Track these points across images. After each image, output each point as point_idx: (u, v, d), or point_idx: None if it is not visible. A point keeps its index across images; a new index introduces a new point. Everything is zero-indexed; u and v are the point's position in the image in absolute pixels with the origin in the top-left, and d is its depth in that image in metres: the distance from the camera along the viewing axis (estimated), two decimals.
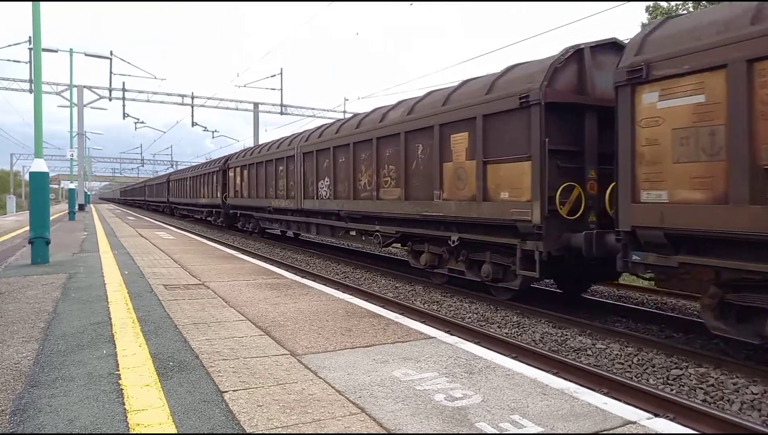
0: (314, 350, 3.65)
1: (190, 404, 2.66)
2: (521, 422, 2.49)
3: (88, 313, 4.72)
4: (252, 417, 2.51)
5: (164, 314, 4.69)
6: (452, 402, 2.72)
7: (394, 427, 2.42)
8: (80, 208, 30.35)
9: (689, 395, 4.51)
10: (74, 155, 27.40)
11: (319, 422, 2.47)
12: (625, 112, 5.46)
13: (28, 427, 2.39)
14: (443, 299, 8.33)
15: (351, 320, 4.57)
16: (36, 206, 8.07)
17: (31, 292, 5.72)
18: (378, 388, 2.92)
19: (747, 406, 4.26)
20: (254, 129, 35.99)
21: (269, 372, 3.17)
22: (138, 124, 37.87)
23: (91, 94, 30.84)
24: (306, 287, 6.31)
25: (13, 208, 40.97)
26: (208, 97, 33.75)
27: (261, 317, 4.63)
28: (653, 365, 5.18)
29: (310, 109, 36.04)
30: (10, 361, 3.32)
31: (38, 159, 8.03)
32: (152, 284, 6.26)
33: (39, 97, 8.51)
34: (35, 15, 8.18)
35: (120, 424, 2.42)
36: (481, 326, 6.68)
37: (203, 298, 5.48)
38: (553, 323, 6.74)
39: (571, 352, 5.66)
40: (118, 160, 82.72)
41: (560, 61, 6.74)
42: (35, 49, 8.61)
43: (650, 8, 19.98)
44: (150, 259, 8.78)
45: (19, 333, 4.00)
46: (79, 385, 2.91)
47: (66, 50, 24.24)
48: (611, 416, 2.59)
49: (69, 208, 24.96)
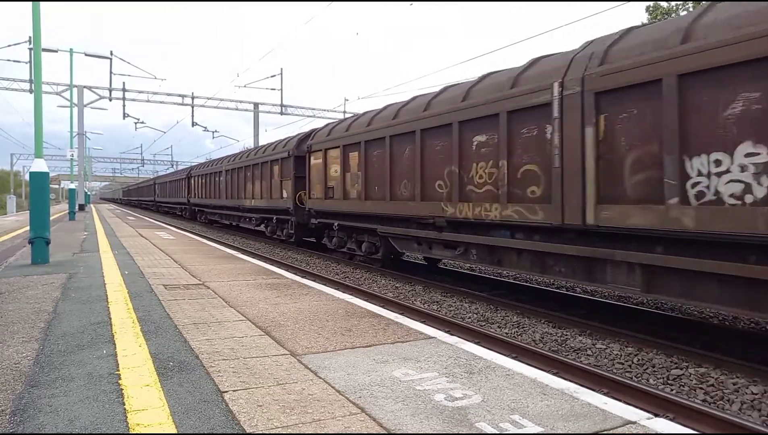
0: (314, 350, 3.65)
1: (190, 404, 2.66)
2: (521, 422, 2.49)
3: (88, 313, 4.72)
4: (252, 417, 2.51)
5: (164, 314, 4.69)
6: (452, 402, 2.72)
7: (394, 427, 2.42)
8: (80, 208, 30.36)
9: (689, 395, 4.51)
10: (74, 155, 27.41)
11: (319, 422, 2.47)
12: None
13: (28, 427, 2.39)
14: (443, 299, 8.33)
15: (351, 320, 4.57)
16: (36, 206, 8.07)
17: (31, 292, 5.72)
18: (378, 388, 2.92)
19: (747, 406, 4.26)
20: (254, 129, 36.03)
21: (269, 372, 3.17)
22: (138, 124, 37.92)
23: (91, 94, 30.87)
24: (306, 287, 6.31)
25: (14, 208, 40.99)
26: (208, 97, 33.79)
27: (261, 317, 4.63)
28: (653, 365, 5.18)
29: (311, 109, 36.08)
30: (10, 361, 3.32)
31: (38, 159, 8.04)
32: (152, 284, 6.27)
33: (39, 97, 8.52)
34: (35, 15, 8.18)
35: (120, 424, 2.42)
36: (481, 326, 6.68)
37: (203, 298, 5.48)
38: (553, 323, 6.74)
39: (571, 352, 5.66)
40: (118, 160, 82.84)
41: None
42: (35, 49, 8.61)
43: (650, 8, 19.99)
44: (150, 259, 8.79)
45: (19, 333, 4.00)
46: (79, 385, 2.91)
47: (66, 50, 24.27)
48: (611, 416, 2.59)
49: (69, 208, 24.95)
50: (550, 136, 6.38)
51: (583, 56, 6.17)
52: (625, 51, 5.66)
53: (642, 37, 5.61)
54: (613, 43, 5.87)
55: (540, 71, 6.78)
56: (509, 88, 7.08)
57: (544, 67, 6.78)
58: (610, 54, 5.78)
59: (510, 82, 7.15)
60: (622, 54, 5.66)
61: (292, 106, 35.81)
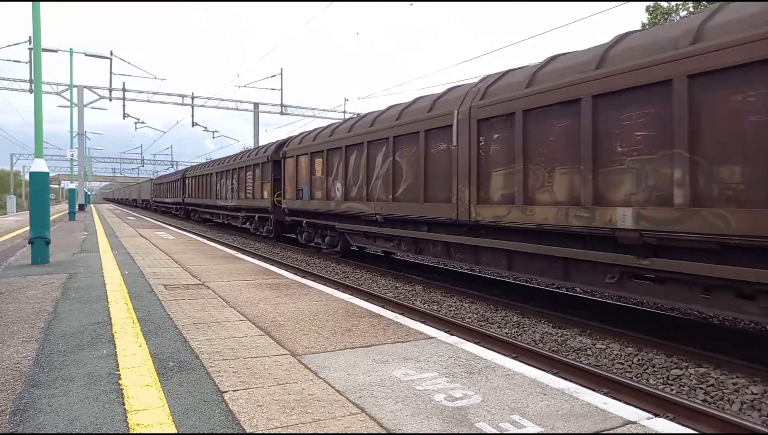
0: (314, 350, 3.65)
1: (190, 404, 2.66)
2: (521, 422, 2.49)
3: (88, 313, 4.72)
4: (252, 417, 2.51)
5: (164, 314, 4.69)
6: (452, 402, 2.72)
7: (394, 427, 2.42)
8: (80, 208, 30.36)
9: (689, 395, 4.51)
10: (74, 155, 27.41)
11: (319, 422, 2.47)
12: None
13: (28, 427, 2.39)
14: (443, 299, 8.33)
15: (351, 320, 4.57)
16: (36, 206, 8.07)
17: (31, 292, 5.72)
18: (378, 388, 2.92)
19: (747, 406, 4.26)
20: (254, 129, 36.02)
21: (269, 372, 3.17)
22: (138, 124, 37.92)
23: (91, 94, 30.88)
24: (306, 287, 6.31)
25: (14, 208, 40.98)
26: (208, 97, 33.79)
27: (261, 317, 4.63)
28: (653, 365, 5.18)
29: (311, 109, 36.08)
30: (10, 361, 3.32)
31: (38, 159, 8.03)
32: (152, 284, 6.27)
33: (39, 97, 8.52)
34: (35, 15, 8.18)
35: (120, 424, 2.42)
36: (481, 326, 6.68)
37: (203, 298, 5.48)
38: (553, 323, 6.74)
39: (571, 352, 5.66)
40: (118, 160, 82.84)
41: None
42: (35, 49, 8.61)
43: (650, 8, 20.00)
44: (150, 259, 8.79)
45: (19, 333, 4.00)
46: (79, 385, 2.91)
47: (66, 50, 24.25)
48: (611, 416, 2.59)
49: (69, 208, 24.94)
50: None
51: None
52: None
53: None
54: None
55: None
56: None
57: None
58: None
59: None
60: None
61: (292, 106, 35.82)
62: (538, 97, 6.55)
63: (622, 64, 5.51)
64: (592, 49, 6.31)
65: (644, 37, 5.67)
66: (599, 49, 6.08)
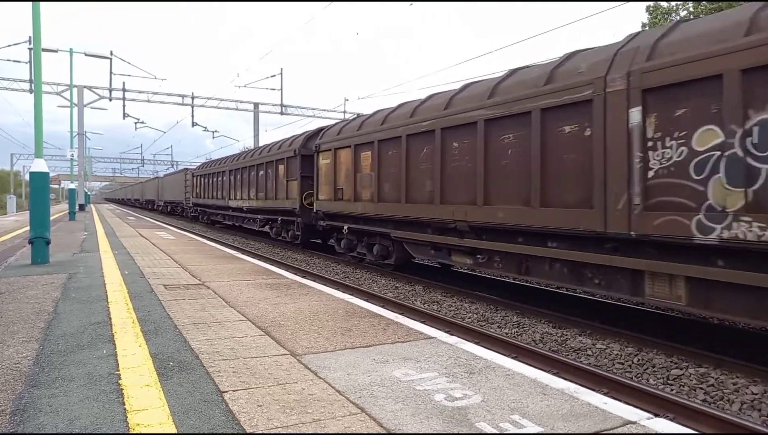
0: (314, 350, 3.65)
1: (190, 404, 2.66)
2: (521, 422, 2.49)
3: (88, 313, 4.72)
4: (252, 417, 2.51)
5: (164, 314, 4.69)
6: (452, 402, 2.72)
7: (394, 427, 2.42)
8: (80, 208, 30.35)
9: (689, 395, 4.51)
10: (74, 155, 27.41)
11: (319, 422, 2.47)
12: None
13: (28, 427, 2.39)
14: (443, 299, 8.33)
15: (351, 320, 4.57)
16: (36, 206, 8.07)
17: (31, 292, 5.72)
18: (378, 388, 2.92)
19: (747, 406, 4.26)
20: (254, 129, 36.01)
21: (269, 372, 3.17)
22: (138, 124, 37.88)
23: (91, 94, 30.85)
24: (306, 287, 6.31)
25: (14, 208, 40.98)
26: (208, 97, 33.77)
27: (261, 317, 4.63)
28: (653, 365, 5.18)
29: (311, 109, 36.06)
30: (10, 361, 3.32)
31: (38, 159, 8.03)
32: (152, 284, 6.27)
33: (39, 97, 8.51)
34: (35, 15, 8.18)
35: (120, 424, 2.42)
36: (481, 326, 6.68)
37: (203, 298, 5.48)
38: (553, 323, 6.74)
39: (571, 352, 5.66)
40: (118, 160, 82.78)
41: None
42: (35, 49, 8.61)
43: (650, 8, 19.99)
44: (150, 259, 8.78)
45: (19, 333, 4.00)
46: (79, 385, 2.91)
47: (66, 50, 24.24)
48: (611, 416, 2.59)
49: (69, 208, 24.94)
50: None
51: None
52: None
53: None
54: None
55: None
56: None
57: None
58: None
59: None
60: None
61: (292, 106, 35.80)
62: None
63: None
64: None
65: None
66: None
